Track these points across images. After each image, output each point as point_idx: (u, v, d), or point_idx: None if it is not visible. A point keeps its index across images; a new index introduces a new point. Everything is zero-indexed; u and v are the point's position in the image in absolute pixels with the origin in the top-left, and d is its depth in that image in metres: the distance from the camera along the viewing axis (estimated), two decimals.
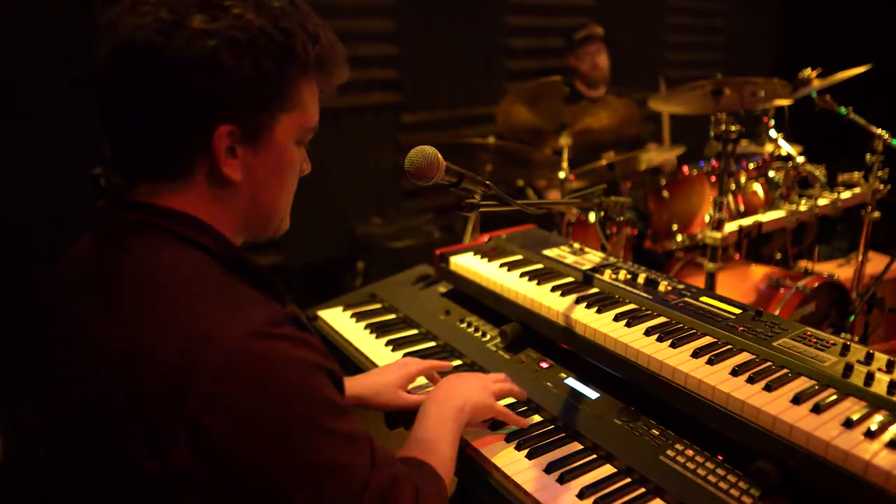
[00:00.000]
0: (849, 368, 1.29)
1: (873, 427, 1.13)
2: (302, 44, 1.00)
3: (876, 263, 3.50)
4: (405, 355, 1.78)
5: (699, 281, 2.85)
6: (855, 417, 1.16)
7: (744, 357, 1.39)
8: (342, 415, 0.96)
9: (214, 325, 0.88)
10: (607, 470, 1.33)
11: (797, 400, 1.22)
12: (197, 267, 0.97)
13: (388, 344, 1.84)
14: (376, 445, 1.01)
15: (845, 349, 1.37)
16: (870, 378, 1.26)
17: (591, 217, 3.28)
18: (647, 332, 1.50)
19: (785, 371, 1.33)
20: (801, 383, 1.29)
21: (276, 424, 0.88)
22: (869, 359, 1.34)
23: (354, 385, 1.52)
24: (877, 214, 3.06)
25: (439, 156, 1.25)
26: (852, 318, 2.94)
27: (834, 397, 1.23)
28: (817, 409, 1.19)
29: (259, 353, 0.88)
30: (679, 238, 3.26)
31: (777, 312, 2.73)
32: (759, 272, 3.10)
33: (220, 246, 1.01)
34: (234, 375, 0.86)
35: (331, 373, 0.98)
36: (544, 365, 1.65)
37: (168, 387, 0.85)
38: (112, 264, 0.97)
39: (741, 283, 3.07)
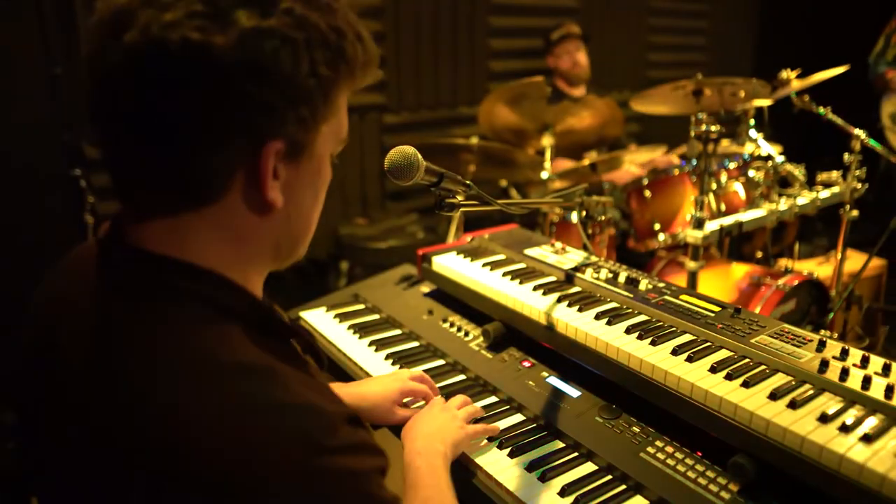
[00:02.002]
0: (825, 364, 1.31)
1: (848, 421, 1.15)
2: (352, 45, 0.86)
3: (855, 261, 3.55)
4: (388, 356, 1.78)
5: (681, 280, 2.87)
6: (830, 412, 1.18)
7: (722, 354, 1.41)
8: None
9: (266, 437, 0.75)
10: (588, 468, 1.34)
11: (774, 396, 1.24)
12: (235, 347, 0.81)
13: (371, 344, 1.84)
14: None
15: (821, 345, 1.39)
16: (845, 374, 1.27)
17: (574, 217, 3.30)
18: (628, 331, 1.51)
19: (762, 367, 1.35)
20: (778, 379, 1.30)
21: None
22: (844, 355, 1.36)
23: (349, 395, 1.48)
24: (855, 213, 3.10)
25: (419, 156, 1.25)
26: (831, 315, 2.98)
27: (810, 393, 1.25)
28: (793, 405, 1.21)
29: (318, 476, 0.77)
30: (661, 237, 3.29)
31: (758, 310, 2.76)
32: (740, 271, 3.13)
33: (249, 307, 0.87)
34: (291, 499, 0.75)
35: (384, 469, 0.88)
36: (526, 364, 1.66)
37: (207, 500, 0.73)
38: (139, 339, 0.80)
39: (723, 282, 3.10)
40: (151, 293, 0.82)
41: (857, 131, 3.09)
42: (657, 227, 3.34)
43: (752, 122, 3.40)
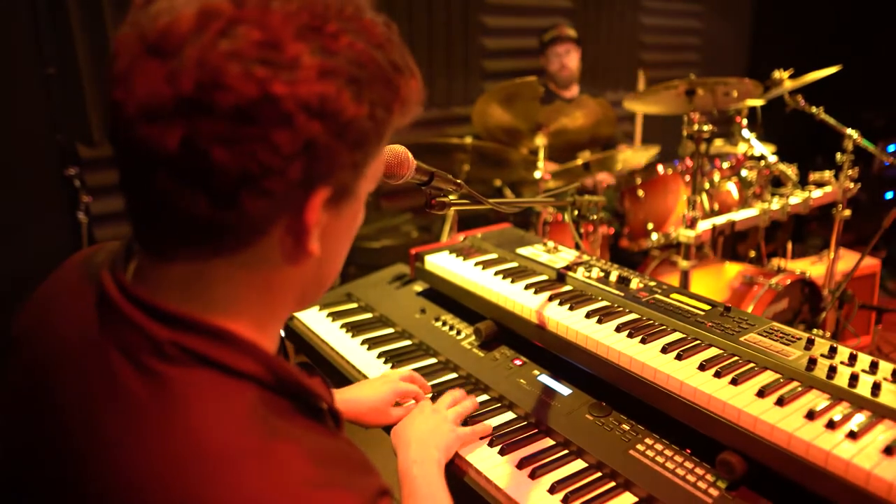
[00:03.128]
0: (812, 362, 1.32)
1: (835, 418, 1.16)
2: (406, 83, 0.77)
3: (848, 261, 3.56)
4: (380, 354, 1.79)
5: (674, 279, 2.89)
6: (817, 409, 1.19)
7: (711, 352, 1.42)
8: None
9: None
10: (578, 465, 1.35)
11: (762, 393, 1.25)
12: (255, 422, 0.73)
13: (363, 343, 1.85)
14: None
15: (810, 343, 1.40)
16: (832, 371, 1.28)
17: (566, 216, 3.31)
18: (618, 329, 1.52)
19: (751, 365, 1.36)
20: (766, 377, 1.31)
21: None
22: (832, 353, 1.37)
23: (343, 401, 1.47)
24: (847, 213, 3.12)
25: (409, 155, 1.26)
26: (824, 314, 2.99)
27: (797, 390, 1.26)
28: (781, 402, 1.22)
29: None
30: (654, 237, 3.30)
31: (750, 309, 2.77)
32: (732, 270, 3.15)
33: (269, 373, 0.77)
34: None
35: None
36: (518, 362, 1.67)
37: None
38: (143, 407, 0.72)
39: (715, 281, 3.11)
40: (160, 355, 0.73)
41: (850, 131, 3.10)
42: (650, 226, 3.36)
43: (744, 121, 3.41)
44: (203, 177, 0.68)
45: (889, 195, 5.66)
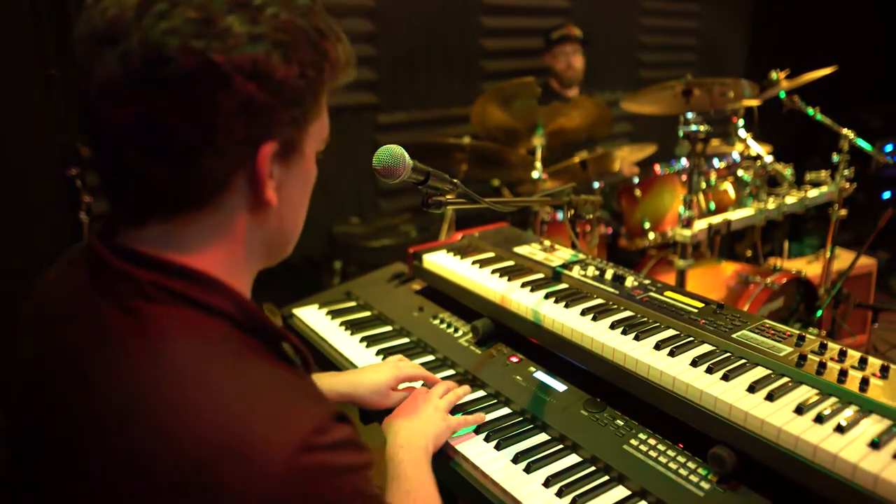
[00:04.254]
0: (803, 358, 1.34)
1: (824, 413, 1.18)
2: (332, 45, 0.88)
3: (844, 260, 3.58)
4: (379, 352, 1.81)
5: (671, 278, 2.91)
6: (806, 404, 1.21)
7: (704, 349, 1.44)
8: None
9: (257, 437, 0.76)
10: (573, 459, 1.37)
11: (752, 388, 1.27)
12: (224, 345, 0.84)
13: (362, 341, 1.87)
14: None
15: (801, 340, 1.43)
16: (822, 367, 1.31)
17: (562, 216, 3.33)
18: (613, 326, 1.54)
19: (742, 361, 1.38)
20: (758, 373, 1.34)
21: None
22: (822, 349, 1.39)
23: (346, 382, 1.52)
24: (844, 212, 3.14)
25: (406, 154, 1.28)
26: (819, 313, 3.01)
27: (788, 385, 1.28)
28: (771, 397, 1.24)
29: (308, 473, 0.77)
30: (651, 236, 3.32)
31: (746, 308, 2.80)
32: (729, 269, 3.17)
33: (243, 312, 0.87)
34: (281, 500, 0.75)
35: (370, 465, 0.89)
36: (514, 359, 1.69)
37: None
38: (127, 340, 0.82)
39: (712, 280, 3.13)
40: (138, 293, 0.83)
41: (846, 131, 3.13)
42: (647, 225, 3.38)
43: (741, 121, 3.43)
44: (161, 142, 0.79)
45: (886, 195, 5.68)
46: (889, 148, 5.42)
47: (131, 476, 0.76)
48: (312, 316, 2.06)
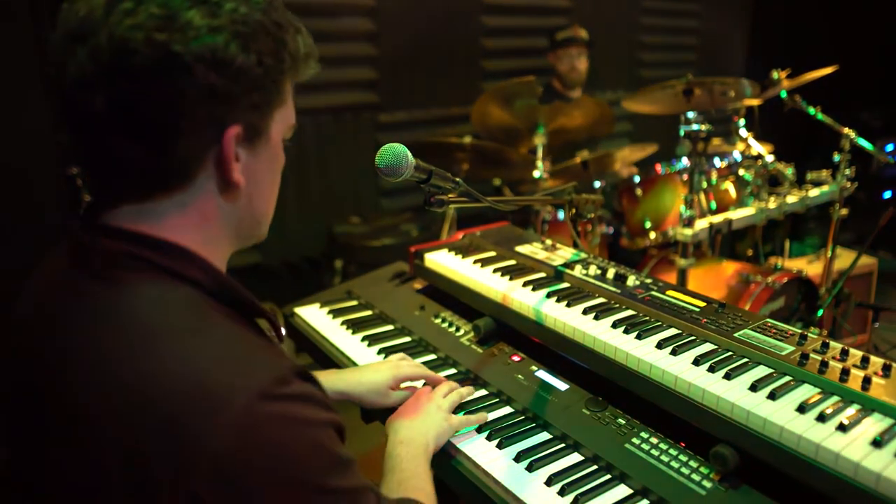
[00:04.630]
0: (805, 357, 1.34)
1: (826, 412, 1.18)
2: (292, 37, 0.96)
3: (845, 259, 3.58)
4: (380, 351, 1.81)
5: (672, 277, 2.91)
6: (808, 403, 1.21)
7: (706, 347, 1.44)
8: (349, 470, 0.92)
9: (220, 384, 0.82)
10: (575, 458, 1.37)
11: (754, 387, 1.27)
12: (193, 308, 0.91)
13: (363, 340, 1.87)
14: (379, 493, 0.99)
15: (803, 339, 1.43)
16: (824, 366, 1.31)
17: (563, 214, 3.33)
18: (615, 325, 1.54)
19: (744, 360, 1.38)
20: (759, 372, 1.34)
21: (287, 492, 0.84)
22: (824, 348, 1.39)
23: (345, 381, 1.53)
24: (845, 212, 3.14)
25: (408, 153, 1.28)
26: (820, 312, 3.01)
27: (790, 384, 1.28)
28: (773, 396, 1.24)
29: (268, 420, 0.82)
30: (652, 235, 3.32)
31: (747, 307, 2.80)
32: (730, 268, 3.17)
33: (213, 280, 0.94)
34: (244, 447, 0.80)
35: (338, 426, 0.93)
36: (516, 358, 1.69)
37: (168, 451, 0.79)
38: (100, 305, 0.89)
39: (713, 280, 3.13)
40: (113, 263, 0.90)
41: (847, 130, 3.13)
42: (648, 225, 3.38)
43: (742, 121, 3.43)
44: (133, 127, 0.86)
45: (887, 194, 5.68)
46: (890, 147, 5.42)
47: (108, 430, 0.82)
48: (314, 315, 2.06)
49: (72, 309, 0.91)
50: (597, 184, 3.67)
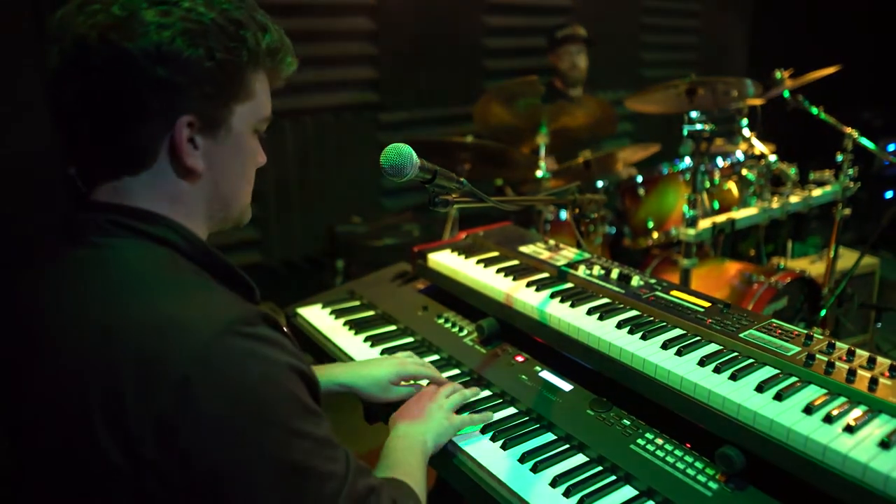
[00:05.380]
0: (811, 358, 1.34)
1: (833, 413, 1.18)
2: (253, 35, 1.02)
3: (847, 259, 3.57)
4: (383, 351, 1.80)
5: (675, 277, 2.91)
6: (815, 404, 1.20)
7: (711, 348, 1.44)
8: (316, 419, 0.95)
9: (188, 318, 0.90)
10: (579, 459, 1.36)
11: (761, 388, 1.26)
12: (168, 264, 1.00)
13: (366, 340, 1.87)
14: (352, 454, 1.00)
15: (808, 339, 1.42)
16: (830, 367, 1.30)
17: (566, 214, 3.33)
18: (619, 325, 1.53)
19: (750, 361, 1.37)
20: (765, 372, 1.33)
21: (247, 426, 0.87)
22: (830, 348, 1.38)
23: (347, 372, 1.54)
24: (847, 212, 3.13)
25: (413, 153, 1.28)
26: (823, 312, 3.01)
27: (796, 385, 1.28)
28: (779, 397, 1.23)
29: (231, 352, 0.89)
30: (655, 235, 3.32)
31: (750, 307, 2.79)
32: (732, 268, 3.16)
33: (189, 243, 1.03)
34: (206, 375, 0.86)
35: (304, 375, 0.97)
36: (520, 359, 1.68)
37: (138, 379, 0.86)
38: (82, 259, 0.99)
39: (716, 280, 3.13)
40: (92, 230, 0.99)
41: (850, 130, 3.12)
42: (651, 225, 3.37)
43: (745, 121, 3.42)
44: (97, 115, 0.97)
45: (889, 194, 5.67)
46: (892, 147, 5.41)
47: (86, 371, 0.90)
48: (316, 315, 2.05)
49: (52, 269, 1.02)
50: (599, 183, 3.66)
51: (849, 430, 1.14)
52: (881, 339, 3.90)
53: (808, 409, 1.19)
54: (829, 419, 1.16)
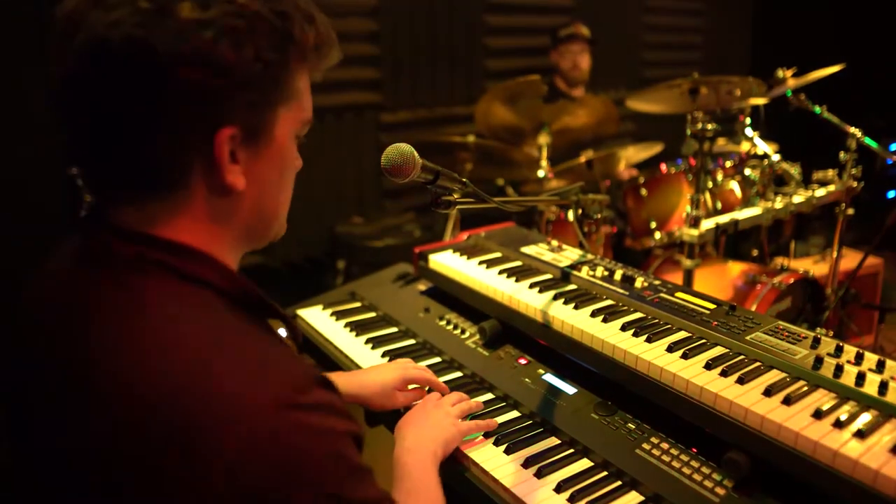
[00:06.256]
0: (819, 361, 1.32)
1: (842, 417, 1.16)
2: (300, 27, 0.88)
3: (851, 260, 3.56)
4: (385, 353, 1.78)
5: (677, 278, 2.88)
6: (824, 408, 1.18)
7: (717, 351, 1.42)
8: (367, 479, 0.88)
9: (238, 394, 0.77)
10: (584, 464, 1.34)
11: (768, 392, 1.24)
12: (207, 311, 0.86)
13: (367, 342, 1.85)
14: (394, 500, 0.96)
15: (816, 342, 1.40)
16: (839, 370, 1.28)
17: (570, 215, 3.30)
18: (624, 328, 1.51)
19: (757, 364, 1.35)
20: (773, 376, 1.31)
21: (306, 500, 0.79)
22: (839, 351, 1.36)
23: (351, 383, 1.50)
24: (851, 211, 3.11)
25: (415, 153, 1.26)
26: (827, 313, 2.99)
27: (804, 389, 1.26)
28: (788, 401, 1.21)
29: (286, 431, 0.78)
30: (657, 236, 3.30)
31: (753, 308, 2.77)
32: (735, 269, 3.14)
33: (225, 280, 0.89)
34: (263, 455, 0.76)
35: (358, 437, 0.88)
36: (523, 361, 1.66)
37: (183, 456, 0.75)
38: (114, 308, 0.84)
39: (719, 280, 3.11)
40: (123, 265, 0.85)
41: (853, 130, 3.10)
42: (653, 225, 3.35)
43: (748, 120, 3.40)
44: (116, 128, 0.82)
45: (892, 194, 5.65)
46: (895, 147, 5.39)
47: (120, 437, 0.77)
48: (317, 317, 2.04)
49: (84, 312, 0.86)
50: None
51: (859, 435, 1.12)
52: (885, 340, 3.88)
53: (818, 414, 1.17)
54: (838, 424, 1.14)
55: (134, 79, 0.79)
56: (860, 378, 1.25)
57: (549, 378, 1.59)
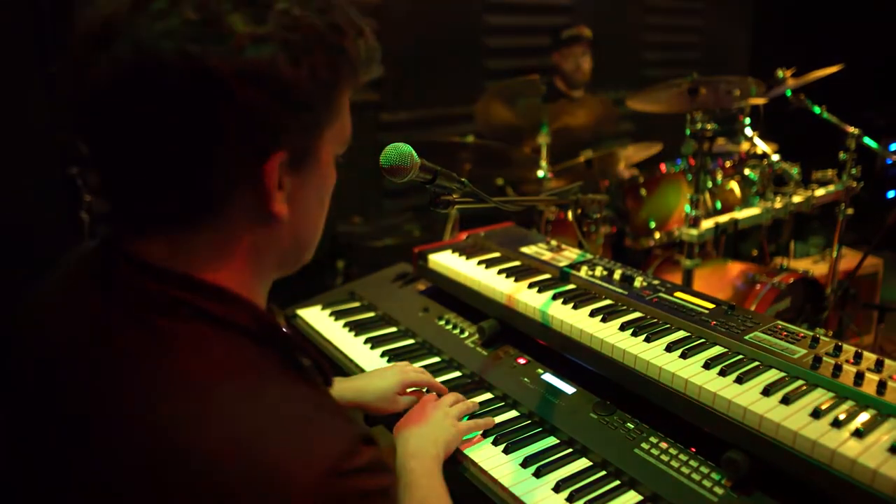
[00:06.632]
0: (818, 360, 1.32)
1: (841, 417, 1.16)
2: (352, 42, 0.81)
3: (850, 260, 3.56)
4: (384, 353, 1.78)
5: (677, 278, 2.89)
6: (823, 408, 1.19)
7: (716, 350, 1.42)
8: None
9: (283, 461, 0.70)
10: (583, 463, 1.35)
11: (767, 391, 1.25)
12: (243, 361, 0.78)
13: (366, 342, 1.85)
14: None
15: (815, 342, 1.40)
16: (837, 369, 1.28)
17: (569, 215, 3.30)
18: (623, 328, 1.51)
19: (756, 364, 1.35)
20: (772, 375, 1.31)
21: None
22: (837, 351, 1.36)
23: (353, 389, 1.49)
24: (850, 211, 3.11)
25: (414, 153, 1.26)
26: (826, 313, 2.99)
27: (803, 388, 1.26)
28: (786, 401, 1.21)
29: (338, 500, 0.72)
30: (657, 236, 3.30)
31: (753, 308, 2.77)
32: (735, 269, 3.15)
33: (256, 324, 0.81)
34: None
35: (395, 484, 0.83)
36: (522, 361, 1.66)
37: None
38: (140, 355, 0.76)
39: (718, 280, 3.11)
40: (152, 307, 0.77)
41: (853, 129, 3.10)
42: (653, 225, 3.35)
43: (747, 120, 3.41)
44: (155, 152, 0.73)
45: (891, 194, 5.65)
46: (895, 146, 5.39)
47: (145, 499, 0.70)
48: (316, 317, 2.04)
49: (108, 356, 0.78)
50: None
51: (857, 434, 1.12)
52: (885, 340, 3.88)
53: (816, 413, 1.18)
54: (837, 423, 1.15)
55: (185, 99, 0.71)
56: (859, 377, 1.25)
57: (548, 377, 1.59)
